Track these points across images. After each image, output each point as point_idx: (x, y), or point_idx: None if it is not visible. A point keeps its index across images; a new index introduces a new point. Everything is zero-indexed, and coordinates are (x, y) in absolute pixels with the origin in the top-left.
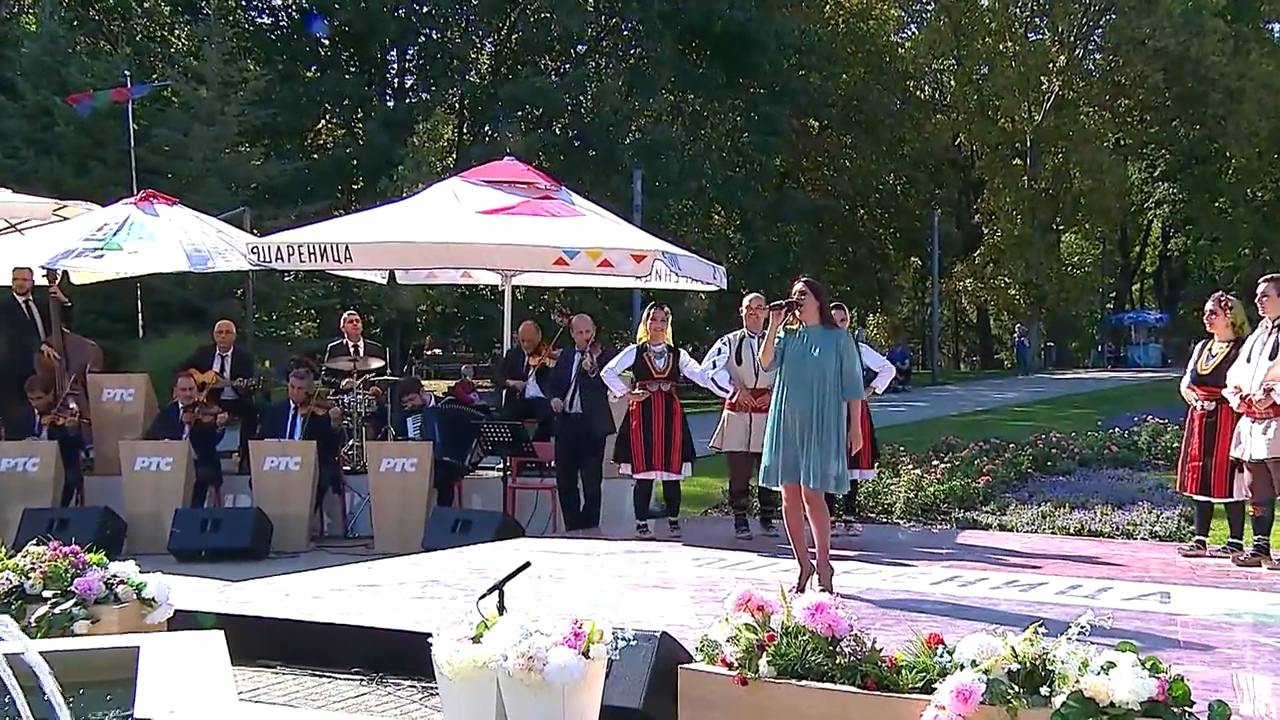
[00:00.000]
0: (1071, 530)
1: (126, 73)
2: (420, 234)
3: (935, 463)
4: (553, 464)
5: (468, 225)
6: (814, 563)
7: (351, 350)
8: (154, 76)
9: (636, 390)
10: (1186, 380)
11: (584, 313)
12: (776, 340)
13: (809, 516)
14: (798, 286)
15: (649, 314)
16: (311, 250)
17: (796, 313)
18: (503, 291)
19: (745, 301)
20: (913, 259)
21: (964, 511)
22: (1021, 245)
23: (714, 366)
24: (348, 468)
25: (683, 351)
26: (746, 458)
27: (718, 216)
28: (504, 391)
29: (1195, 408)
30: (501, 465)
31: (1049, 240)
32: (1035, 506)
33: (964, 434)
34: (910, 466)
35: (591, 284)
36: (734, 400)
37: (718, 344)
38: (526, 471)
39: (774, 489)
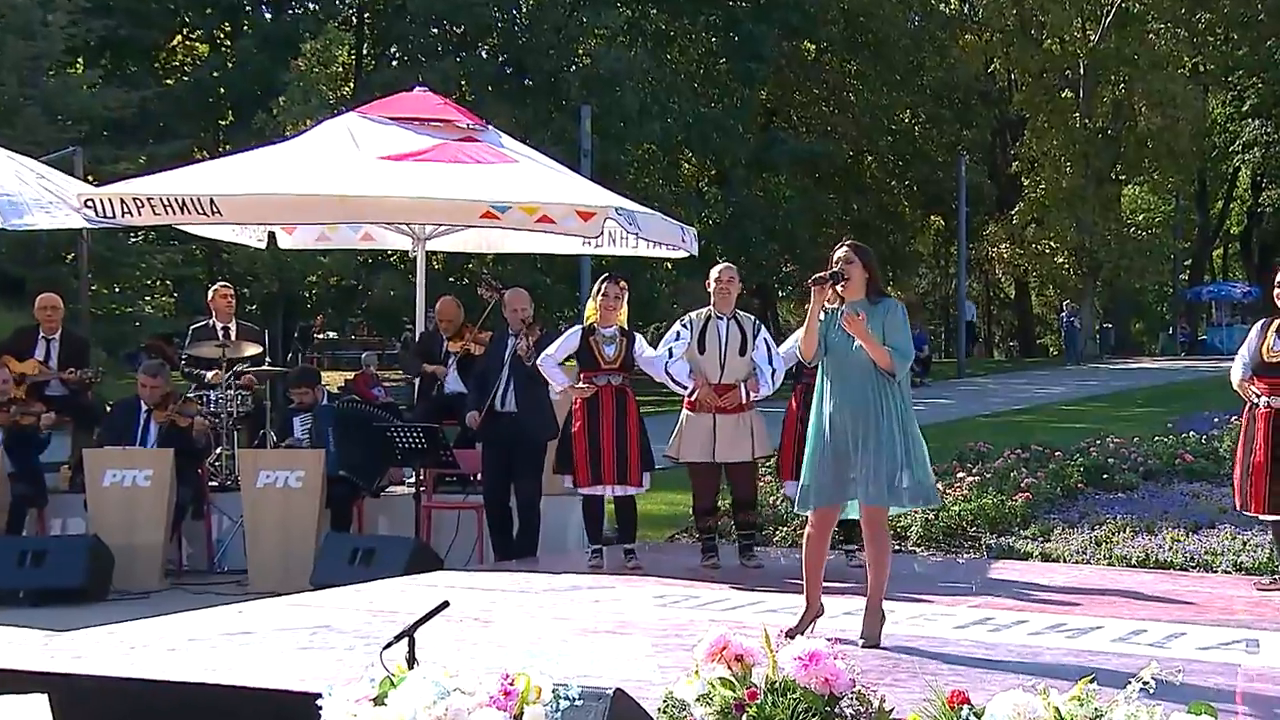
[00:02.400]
0: (1133, 561)
1: None
2: (308, 184)
3: (961, 475)
4: (478, 477)
5: (368, 173)
6: (824, 604)
7: (220, 333)
8: None
9: (580, 384)
10: (1239, 372)
11: (519, 286)
12: (818, 323)
13: (867, 543)
14: (841, 252)
15: (600, 288)
16: (167, 203)
17: (839, 287)
18: (414, 258)
19: (714, 274)
20: (934, 218)
21: (997, 537)
22: (1071, 200)
23: (670, 355)
24: (215, 483)
25: (639, 336)
26: (711, 470)
27: (687, 164)
28: (418, 381)
29: (1258, 406)
30: (414, 478)
31: (1106, 194)
32: (1087, 531)
33: (997, 439)
34: None
35: (528, 250)
36: (693, 398)
37: (676, 326)
38: (446, 486)
39: (803, 513)
